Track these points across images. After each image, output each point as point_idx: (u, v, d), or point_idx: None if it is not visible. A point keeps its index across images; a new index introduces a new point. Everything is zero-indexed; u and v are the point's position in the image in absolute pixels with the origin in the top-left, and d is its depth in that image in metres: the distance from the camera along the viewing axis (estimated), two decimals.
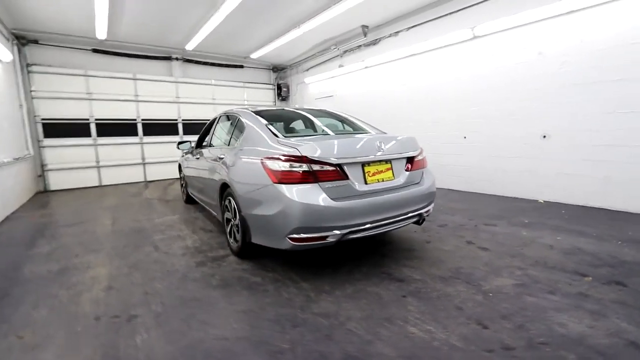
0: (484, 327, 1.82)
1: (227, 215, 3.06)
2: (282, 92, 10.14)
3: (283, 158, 2.24)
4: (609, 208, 4.13)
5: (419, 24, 6.20)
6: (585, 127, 4.30)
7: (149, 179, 8.20)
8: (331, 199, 2.20)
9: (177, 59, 8.29)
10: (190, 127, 8.64)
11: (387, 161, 2.54)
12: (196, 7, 5.70)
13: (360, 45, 7.53)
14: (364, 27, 6.83)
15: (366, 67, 7.49)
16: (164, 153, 8.23)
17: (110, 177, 7.67)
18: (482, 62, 5.34)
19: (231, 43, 7.70)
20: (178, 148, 4.89)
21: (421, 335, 1.76)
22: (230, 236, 3.03)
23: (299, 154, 2.21)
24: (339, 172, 2.30)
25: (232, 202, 2.81)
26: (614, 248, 2.88)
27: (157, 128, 8.16)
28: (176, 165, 6.12)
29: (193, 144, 4.76)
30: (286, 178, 2.21)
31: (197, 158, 4.17)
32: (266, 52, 8.18)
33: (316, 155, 2.23)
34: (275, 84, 10.29)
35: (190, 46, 7.46)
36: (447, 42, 5.76)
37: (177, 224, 4.18)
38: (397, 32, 6.68)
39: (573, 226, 3.52)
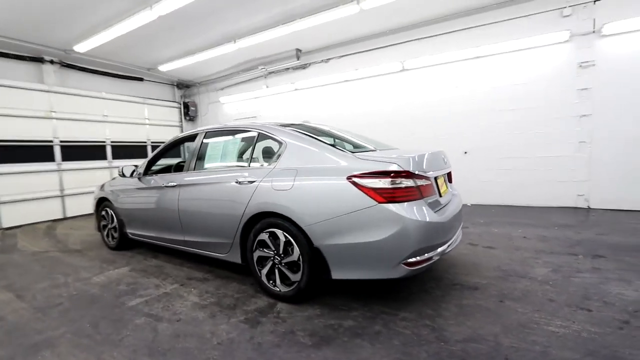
0: (587, 310, 2.09)
1: (260, 253, 2.45)
2: (189, 112, 8.96)
3: (391, 174, 2.01)
4: (516, 205, 5.47)
5: (351, 54, 6.77)
6: (494, 144, 5.61)
7: (15, 223, 5.62)
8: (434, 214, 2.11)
9: (52, 62, 6.16)
10: (74, 150, 6.48)
11: (447, 174, 2.63)
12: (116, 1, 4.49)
13: (288, 68, 7.56)
14: (298, 50, 6.93)
15: (296, 90, 7.56)
16: (26, 185, 5.84)
17: None
18: (410, 92, 6.26)
19: (140, 50, 6.36)
20: (122, 175, 3.60)
21: (564, 332, 1.87)
22: (269, 280, 2.43)
23: (401, 169, 2.04)
24: (432, 186, 2.23)
25: (282, 235, 2.29)
26: (559, 232, 3.82)
27: (21, 152, 5.74)
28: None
29: (138, 169, 3.61)
30: (396, 196, 1.99)
31: (161, 186, 3.20)
32: (180, 65, 7.12)
33: (416, 169, 2.10)
34: (181, 102, 9.01)
35: (82, 48, 5.72)
36: (378, 72, 6.50)
37: (141, 277, 3.02)
38: (328, 59, 7.07)
39: (515, 220, 4.49)
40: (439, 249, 2.15)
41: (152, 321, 2.20)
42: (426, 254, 2.04)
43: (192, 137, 3.26)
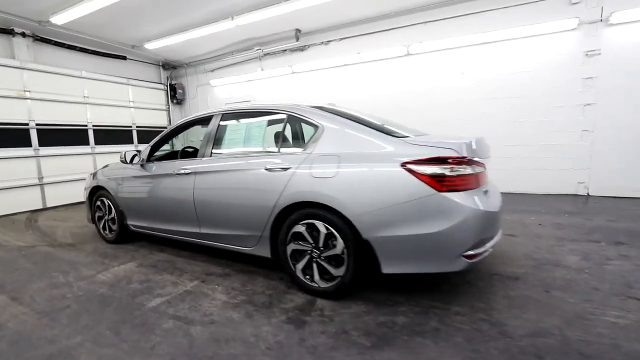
0: (636, 298, 2.08)
1: (295, 246, 2.27)
2: (176, 94, 8.40)
3: (451, 160, 1.85)
4: (517, 192, 5.54)
5: (352, 36, 6.50)
6: (497, 132, 5.60)
7: None
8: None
9: (24, 35, 5.48)
10: (52, 135, 5.89)
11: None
12: None
13: (285, 50, 7.19)
14: (298, 31, 6.57)
15: (293, 73, 7.22)
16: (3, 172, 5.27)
17: None
18: (415, 77, 6.11)
19: (125, 25, 5.78)
20: (124, 161, 3.24)
21: (624, 322, 1.83)
22: (305, 275, 2.25)
23: (459, 155, 1.89)
24: (485, 174, 2.11)
25: (323, 227, 2.10)
26: (571, 220, 3.87)
27: None
28: None
29: (141, 155, 3.26)
30: (456, 184, 1.84)
31: (171, 174, 2.90)
32: (169, 43, 6.58)
33: (471, 155, 1.96)
34: (167, 84, 8.42)
35: (59, 19, 5.09)
36: (381, 56, 6.29)
37: (153, 274, 2.75)
38: (328, 42, 6.76)
39: (521, 207, 4.52)
40: (493, 241, 2.05)
41: (182, 324, 1.97)
42: (484, 246, 1.94)
43: (204, 120, 2.96)
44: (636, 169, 4.81)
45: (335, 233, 2.09)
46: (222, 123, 2.82)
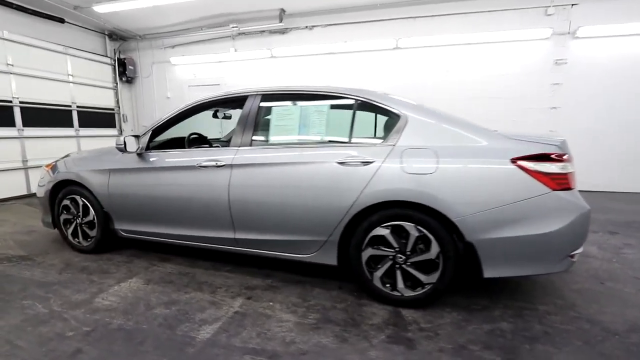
0: None
1: (373, 251, 2.00)
2: (126, 71, 7.12)
3: (555, 157, 1.76)
4: None
5: (339, 24, 6.22)
6: None
7: None
8: None
9: None
10: None
11: None
12: None
13: (264, 31, 6.58)
14: (282, 10, 6.03)
15: (273, 57, 6.66)
16: None
17: None
18: (403, 72, 6.12)
19: None
20: (123, 149, 2.48)
21: None
22: (385, 283, 2.00)
23: (562, 152, 1.82)
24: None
25: (415, 229, 1.87)
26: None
27: None
28: None
29: (139, 142, 2.56)
30: (567, 182, 1.77)
31: (192, 167, 2.34)
32: (124, 8, 5.44)
33: (568, 152, 1.91)
34: (115, 58, 7.06)
35: None
36: (369, 48, 6.15)
37: (175, 292, 2.18)
38: (312, 26, 6.38)
39: None
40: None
41: None
42: (582, 246, 1.92)
43: (235, 100, 2.45)
44: (591, 169, 5.52)
45: (430, 236, 1.87)
46: (263, 105, 2.34)
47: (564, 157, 1.80)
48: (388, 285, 2.01)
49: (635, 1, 4.95)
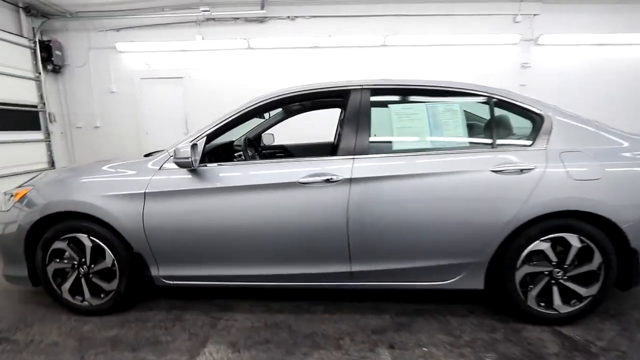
0: None
1: (528, 269, 1.78)
2: (52, 57, 5.48)
3: None
4: None
5: (323, 16, 5.83)
6: None
7: None
8: None
9: None
10: None
11: None
12: None
13: (237, 18, 5.79)
14: None
15: (250, 48, 5.91)
16: None
17: None
18: (391, 70, 6.05)
19: None
20: (180, 163, 1.70)
21: None
22: (540, 302, 1.80)
23: None
24: None
25: (577, 240, 1.71)
26: None
27: None
28: None
29: (194, 154, 1.83)
30: None
31: (283, 185, 1.77)
32: None
33: None
34: (36, 40, 5.35)
35: None
36: (356, 43, 5.93)
37: (284, 356, 1.60)
38: (295, 17, 5.85)
39: None
40: None
41: None
42: None
43: (329, 95, 1.96)
44: None
45: (592, 245, 1.73)
46: (374, 100, 1.89)
47: None
48: (542, 303, 1.82)
49: (590, 16, 5.76)
